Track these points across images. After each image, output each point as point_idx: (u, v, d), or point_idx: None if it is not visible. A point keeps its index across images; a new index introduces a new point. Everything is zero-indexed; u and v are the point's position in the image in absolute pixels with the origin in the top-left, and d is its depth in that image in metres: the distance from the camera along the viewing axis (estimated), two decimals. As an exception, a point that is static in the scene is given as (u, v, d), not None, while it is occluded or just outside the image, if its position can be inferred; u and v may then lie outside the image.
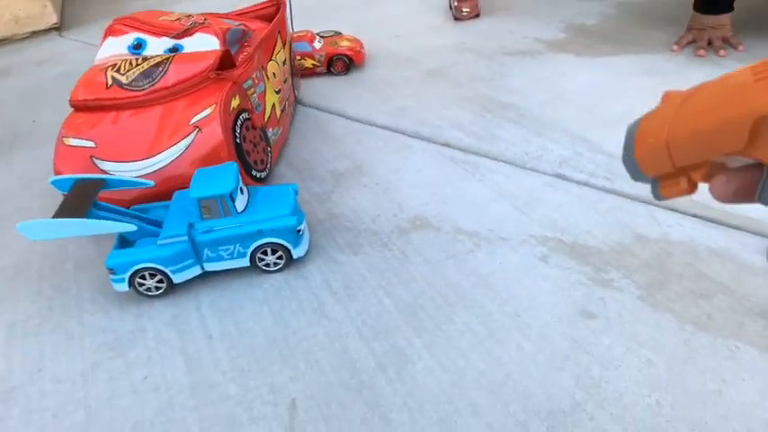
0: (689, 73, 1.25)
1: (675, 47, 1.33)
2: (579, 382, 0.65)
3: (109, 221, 0.77)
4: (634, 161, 0.31)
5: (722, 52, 1.27)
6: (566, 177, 0.99)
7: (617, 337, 0.69)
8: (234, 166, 0.84)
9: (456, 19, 1.83)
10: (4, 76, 1.90)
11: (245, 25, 1.20)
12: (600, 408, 0.62)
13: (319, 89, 1.46)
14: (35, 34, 2.27)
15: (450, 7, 1.87)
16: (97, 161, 0.95)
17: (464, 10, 1.80)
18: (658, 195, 0.31)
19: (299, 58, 1.49)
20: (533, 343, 0.70)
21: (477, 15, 1.81)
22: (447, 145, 1.14)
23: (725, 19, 1.27)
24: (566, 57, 1.43)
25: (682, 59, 1.31)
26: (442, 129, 1.19)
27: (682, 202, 0.88)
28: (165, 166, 0.94)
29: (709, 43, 1.30)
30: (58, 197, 1.13)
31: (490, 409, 0.63)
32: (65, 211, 0.78)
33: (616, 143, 1.05)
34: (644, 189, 0.93)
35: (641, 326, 0.70)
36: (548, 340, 0.70)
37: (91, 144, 0.96)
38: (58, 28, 2.30)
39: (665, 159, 0.28)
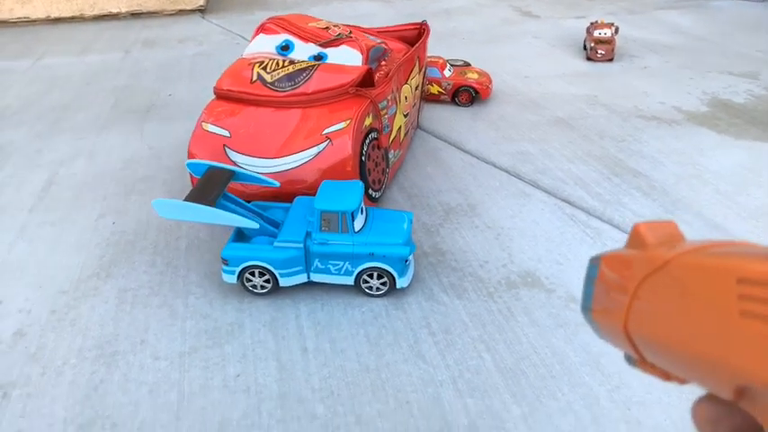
0: None
1: None
2: (691, 503, 0.59)
3: (235, 215, 0.79)
4: (591, 320, 0.23)
5: None
6: (695, 265, 0.92)
7: (739, 462, 0.63)
8: (360, 185, 0.84)
9: (589, 59, 1.79)
10: (149, 47, 2.03)
11: (386, 44, 1.22)
12: None
13: (441, 117, 1.45)
14: (181, 12, 2.43)
15: (585, 47, 1.83)
16: (229, 151, 0.98)
17: (599, 51, 1.75)
18: (633, 364, 0.21)
19: (427, 83, 1.50)
20: (642, 443, 0.65)
21: (611, 60, 1.76)
22: (567, 202, 1.09)
23: None
24: (707, 132, 1.34)
25: (842, 160, 1.19)
26: (564, 183, 1.15)
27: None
28: (292, 168, 0.96)
29: None
30: (183, 173, 1.19)
31: (586, 506, 0.58)
32: (196, 195, 0.81)
33: (758, 238, 0.97)
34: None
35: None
36: (659, 444, 0.65)
37: (226, 133, 0.99)
38: (202, 10, 2.45)
39: (628, 346, 0.20)
